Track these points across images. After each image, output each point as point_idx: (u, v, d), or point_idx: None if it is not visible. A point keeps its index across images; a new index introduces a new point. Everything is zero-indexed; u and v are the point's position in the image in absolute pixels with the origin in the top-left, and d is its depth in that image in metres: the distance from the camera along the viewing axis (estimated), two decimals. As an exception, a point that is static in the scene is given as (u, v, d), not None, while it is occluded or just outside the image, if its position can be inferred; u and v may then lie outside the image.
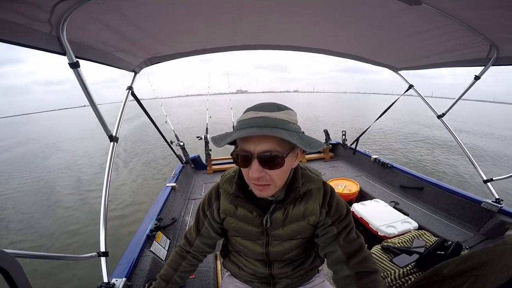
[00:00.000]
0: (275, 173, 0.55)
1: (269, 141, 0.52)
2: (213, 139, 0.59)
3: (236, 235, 0.77)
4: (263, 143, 0.52)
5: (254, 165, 0.54)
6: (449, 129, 1.92)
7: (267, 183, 0.57)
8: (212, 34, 1.40)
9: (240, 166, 0.58)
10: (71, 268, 2.84)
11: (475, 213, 1.76)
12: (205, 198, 0.79)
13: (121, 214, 4.13)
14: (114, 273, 1.12)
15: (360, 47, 1.73)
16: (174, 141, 2.88)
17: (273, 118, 0.53)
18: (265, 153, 0.52)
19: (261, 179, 0.55)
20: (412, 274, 1.18)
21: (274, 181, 0.57)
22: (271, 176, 0.55)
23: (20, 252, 0.73)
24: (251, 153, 0.53)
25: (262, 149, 0.52)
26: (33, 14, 0.74)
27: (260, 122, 0.52)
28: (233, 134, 0.54)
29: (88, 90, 1.05)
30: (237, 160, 0.57)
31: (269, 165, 0.54)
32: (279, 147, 0.53)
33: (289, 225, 0.70)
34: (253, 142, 0.53)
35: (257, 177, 0.54)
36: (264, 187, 0.57)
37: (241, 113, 0.59)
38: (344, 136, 3.55)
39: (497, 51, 1.28)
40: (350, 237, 0.68)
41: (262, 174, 0.54)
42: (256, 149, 0.53)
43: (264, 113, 0.53)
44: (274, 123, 0.52)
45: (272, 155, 0.52)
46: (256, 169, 0.54)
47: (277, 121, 0.52)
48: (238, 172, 0.69)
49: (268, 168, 0.54)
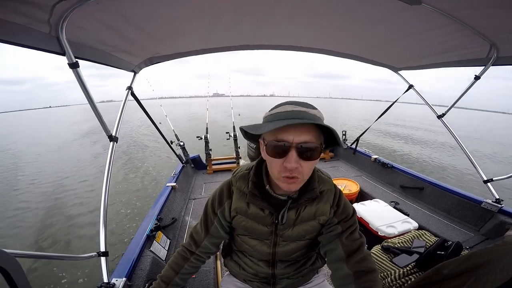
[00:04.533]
0: (307, 166, 0.57)
1: (309, 133, 0.54)
2: (248, 127, 0.61)
3: (244, 234, 0.76)
4: (303, 134, 0.54)
5: (291, 156, 0.54)
6: (449, 129, 1.92)
7: (298, 176, 0.57)
8: (212, 34, 1.40)
9: (272, 156, 0.57)
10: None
11: (475, 213, 1.76)
12: (215, 196, 0.77)
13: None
14: (114, 273, 1.12)
15: (360, 47, 1.72)
16: (174, 141, 2.89)
17: (312, 114, 0.55)
18: (305, 143, 0.54)
19: (295, 171, 0.56)
20: (412, 274, 1.18)
21: (304, 174, 0.58)
22: (304, 168, 0.56)
23: (20, 252, 0.73)
24: (290, 143, 0.54)
25: (302, 139, 0.54)
26: (32, 14, 0.74)
27: (302, 115, 0.53)
28: (277, 122, 0.54)
29: (88, 90, 1.05)
30: (269, 151, 0.57)
31: (306, 156, 0.55)
32: (316, 140, 0.55)
33: (300, 225, 0.71)
34: (292, 132, 0.54)
35: (294, 167, 0.55)
36: (294, 180, 0.57)
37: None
38: (344, 136, 3.54)
39: (497, 51, 1.27)
40: (353, 236, 0.69)
41: (297, 165, 0.55)
42: (295, 139, 0.54)
43: (304, 108, 0.55)
44: (313, 118, 0.54)
45: (311, 146, 0.54)
46: (294, 159, 0.54)
47: (316, 117, 0.55)
48: (254, 169, 0.69)
49: (304, 159, 0.55)
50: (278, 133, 0.55)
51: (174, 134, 3.02)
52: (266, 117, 0.59)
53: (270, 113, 0.59)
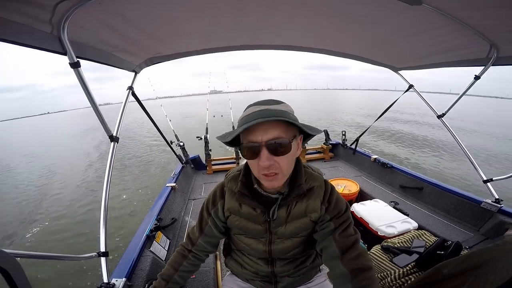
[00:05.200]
0: (283, 160, 0.58)
1: (275, 129, 0.56)
2: (220, 138, 0.62)
3: (240, 233, 0.78)
4: (270, 132, 0.56)
5: (263, 154, 0.56)
6: (449, 129, 1.92)
7: (276, 172, 0.59)
8: (212, 34, 1.40)
9: (248, 158, 0.61)
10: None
11: (475, 213, 1.76)
12: (210, 197, 0.80)
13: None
14: (114, 273, 1.12)
15: (360, 47, 1.73)
16: (174, 141, 2.89)
17: (274, 109, 0.57)
18: (272, 140, 0.55)
19: (271, 167, 0.58)
20: (412, 274, 1.18)
21: (282, 169, 0.59)
22: (280, 163, 0.58)
23: (20, 252, 0.73)
24: (259, 142, 0.56)
25: (270, 137, 0.55)
26: (34, 14, 0.74)
27: (264, 114, 0.55)
28: (240, 127, 0.56)
29: (89, 90, 1.05)
30: (245, 154, 0.60)
31: (277, 152, 0.57)
32: (284, 134, 0.57)
33: (292, 222, 0.71)
34: (259, 132, 0.56)
35: (268, 165, 0.57)
36: (274, 177, 0.60)
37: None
38: (344, 136, 3.55)
39: (497, 51, 1.28)
40: (346, 232, 0.68)
41: (272, 162, 0.57)
42: (263, 138, 0.56)
43: (265, 106, 0.57)
44: (277, 114, 0.55)
45: (279, 141, 0.56)
46: (266, 158, 0.56)
47: (279, 112, 0.56)
48: (243, 170, 0.71)
49: (276, 155, 0.57)
50: (248, 135, 0.57)
51: (174, 134, 3.02)
52: (238, 122, 0.61)
53: (240, 118, 0.61)
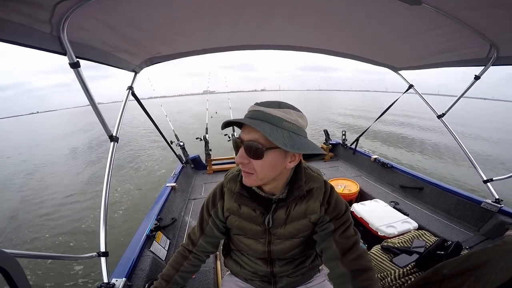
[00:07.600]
0: (257, 164, 0.59)
1: (256, 132, 0.56)
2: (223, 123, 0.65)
3: (239, 233, 0.78)
4: (250, 133, 0.57)
5: (240, 151, 0.60)
6: (449, 129, 1.92)
7: (250, 171, 0.61)
8: (212, 34, 1.40)
9: (235, 150, 0.63)
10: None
11: (475, 213, 1.76)
12: (209, 197, 0.80)
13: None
14: (114, 273, 1.12)
15: (360, 47, 1.73)
16: (174, 141, 2.88)
17: (267, 113, 0.56)
18: (249, 141, 0.57)
19: (245, 166, 0.60)
20: (412, 274, 1.18)
21: (257, 172, 0.60)
22: (254, 166, 0.59)
23: (20, 252, 0.73)
24: (241, 140, 0.59)
25: (249, 137, 0.57)
26: (34, 14, 0.74)
27: (254, 115, 0.57)
28: (226, 120, 0.60)
29: (89, 90, 1.05)
30: (233, 145, 0.63)
31: (250, 154, 0.58)
32: (263, 140, 0.56)
33: (291, 224, 0.71)
34: (244, 130, 0.59)
35: (239, 162, 0.60)
36: (247, 175, 0.61)
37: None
38: (344, 136, 3.55)
39: (497, 51, 1.28)
40: (346, 233, 0.68)
41: (246, 161, 0.59)
42: (244, 137, 0.58)
43: (262, 108, 0.57)
44: (265, 118, 0.55)
45: (254, 146, 0.56)
46: (240, 155, 0.59)
47: (269, 116, 0.55)
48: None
49: (250, 157, 0.58)
50: (241, 130, 0.61)
51: (174, 134, 3.02)
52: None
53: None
